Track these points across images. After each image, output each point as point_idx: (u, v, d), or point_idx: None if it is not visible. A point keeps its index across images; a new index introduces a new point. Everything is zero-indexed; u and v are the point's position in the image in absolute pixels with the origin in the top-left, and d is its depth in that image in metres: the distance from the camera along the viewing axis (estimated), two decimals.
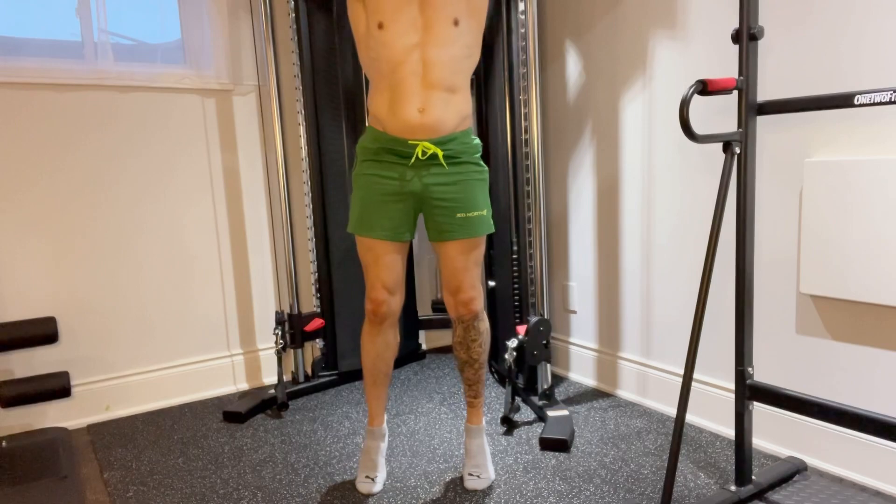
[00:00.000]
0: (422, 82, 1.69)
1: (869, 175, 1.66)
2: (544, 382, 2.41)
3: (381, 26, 1.68)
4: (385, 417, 1.98)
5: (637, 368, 2.46)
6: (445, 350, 3.18)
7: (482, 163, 1.82)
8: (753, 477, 1.77)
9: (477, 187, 1.79)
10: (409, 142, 1.71)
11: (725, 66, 2.03)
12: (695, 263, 2.21)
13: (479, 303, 1.85)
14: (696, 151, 2.15)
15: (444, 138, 1.72)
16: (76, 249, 2.42)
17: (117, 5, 2.47)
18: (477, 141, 1.81)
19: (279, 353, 2.59)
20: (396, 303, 1.86)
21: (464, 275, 1.81)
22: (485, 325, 1.89)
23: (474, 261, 1.82)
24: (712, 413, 2.18)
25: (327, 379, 2.73)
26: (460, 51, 1.71)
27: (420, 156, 1.71)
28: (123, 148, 2.47)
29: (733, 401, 1.87)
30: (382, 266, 1.81)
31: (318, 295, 2.74)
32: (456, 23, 1.68)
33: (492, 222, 1.83)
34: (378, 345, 1.88)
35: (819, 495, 1.73)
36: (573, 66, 2.59)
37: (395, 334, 1.91)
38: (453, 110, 1.72)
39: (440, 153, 1.72)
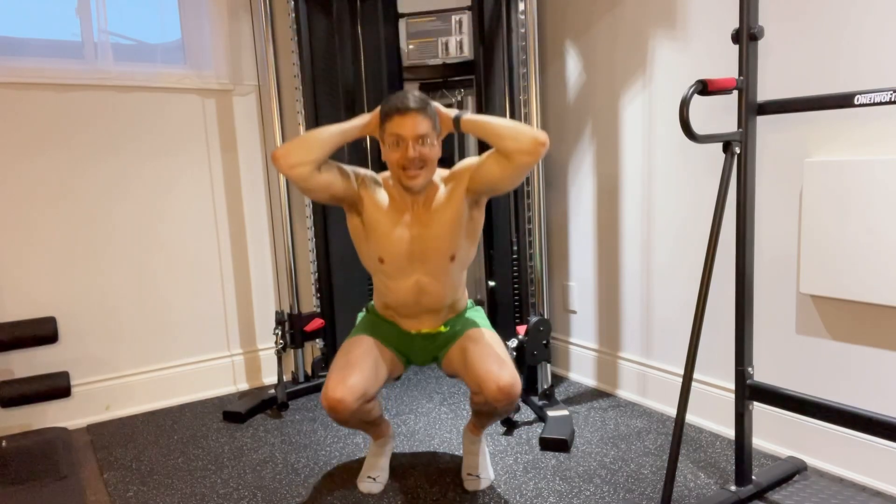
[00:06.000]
0: (420, 306, 1.80)
1: (869, 175, 1.66)
2: (544, 382, 2.41)
3: (381, 261, 1.77)
4: (391, 430, 1.98)
5: (637, 368, 2.46)
6: None
7: (472, 307, 1.93)
8: (753, 477, 1.77)
9: (469, 323, 1.86)
10: (412, 332, 1.85)
11: (725, 66, 2.03)
12: (695, 263, 2.21)
13: (520, 384, 1.63)
14: (696, 151, 2.15)
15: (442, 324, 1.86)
16: (76, 249, 2.42)
17: (117, 5, 2.47)
18: (469, 303, 1.93)
19: (279, 353, 2.59)
20: (363, 408, 1.67)
21: (487, 361, 1.64)
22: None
23: (488, 342, 1.74)
24: (712, 413, 2.18)
25: None
26: (456, 278, 1.82)
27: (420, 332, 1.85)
28: (123, 148, 2.47)
29: (733, 401, 1.87)
30: (360, 366, 1.69)
31: (318, 295, 2.74)
32: (452, 258, 1.77)
33: (488, 323, 1.89)
34: (354, 424, 1.76)
35: (819, 495, 1.73)
36: (573, 66, 2.59)
37: (374, 404, 1.77)
38: (450, 314, 1.86)
39: (443, 329, 1.84)
